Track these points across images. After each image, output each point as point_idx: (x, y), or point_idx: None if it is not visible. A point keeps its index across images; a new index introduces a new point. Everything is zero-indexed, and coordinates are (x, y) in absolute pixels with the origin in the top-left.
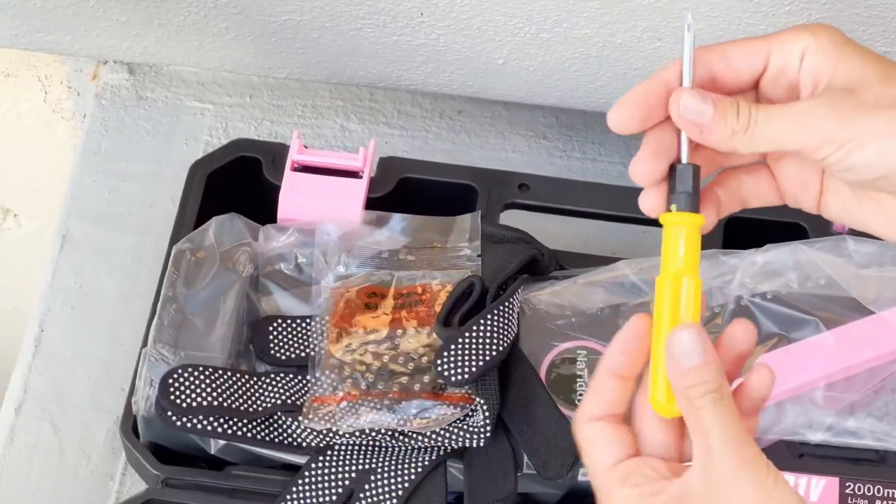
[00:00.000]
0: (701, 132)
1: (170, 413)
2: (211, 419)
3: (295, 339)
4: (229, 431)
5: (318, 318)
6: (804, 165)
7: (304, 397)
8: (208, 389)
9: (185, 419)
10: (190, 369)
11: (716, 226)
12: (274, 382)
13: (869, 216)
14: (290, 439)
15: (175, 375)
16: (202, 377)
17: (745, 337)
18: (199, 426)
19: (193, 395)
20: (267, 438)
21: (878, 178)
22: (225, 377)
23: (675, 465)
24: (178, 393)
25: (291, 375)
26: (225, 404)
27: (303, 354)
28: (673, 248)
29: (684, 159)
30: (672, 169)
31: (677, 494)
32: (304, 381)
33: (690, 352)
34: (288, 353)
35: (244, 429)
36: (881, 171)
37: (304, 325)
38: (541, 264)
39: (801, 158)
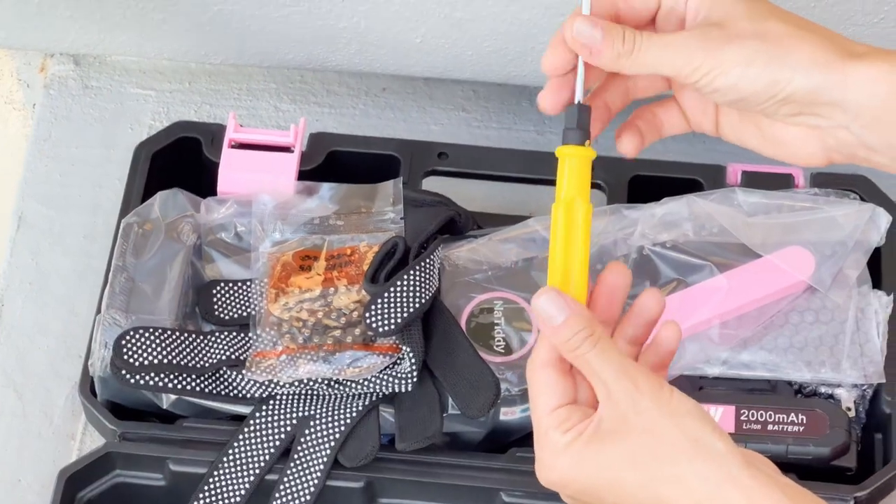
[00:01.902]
0: (591, 54)
1: (124, 371)
2: (162, 376)
3: (237, 300)
4: (179, 386)
5: (257, 281)
6: (701, 95)
7: (247, 353)
8: (158, 348)
9: (137, 377)
10: (141, 331)
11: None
12: (219, 340)
13: (749, 135)
14: (235, 392)
15: (127, 337)
16: (152, 337)
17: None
18: (151, 382)
19: (145, 355)
20: (214, 392)
21: (740, 99)
22: (173, 337)
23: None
24: (130, 353)
25: (234, 333)
26: (174, 361)
27: (244, 314)
28: (566, 177)
29: (578, 99)
30: (568, 109)
31: (593, 430)
32: (247, 338)
33: (554, 312)
34: (231, 314)
35: (193, 384)
36: (742, 93)
37: (244, 287)
38: (459, 224)
39: (694, 89)
